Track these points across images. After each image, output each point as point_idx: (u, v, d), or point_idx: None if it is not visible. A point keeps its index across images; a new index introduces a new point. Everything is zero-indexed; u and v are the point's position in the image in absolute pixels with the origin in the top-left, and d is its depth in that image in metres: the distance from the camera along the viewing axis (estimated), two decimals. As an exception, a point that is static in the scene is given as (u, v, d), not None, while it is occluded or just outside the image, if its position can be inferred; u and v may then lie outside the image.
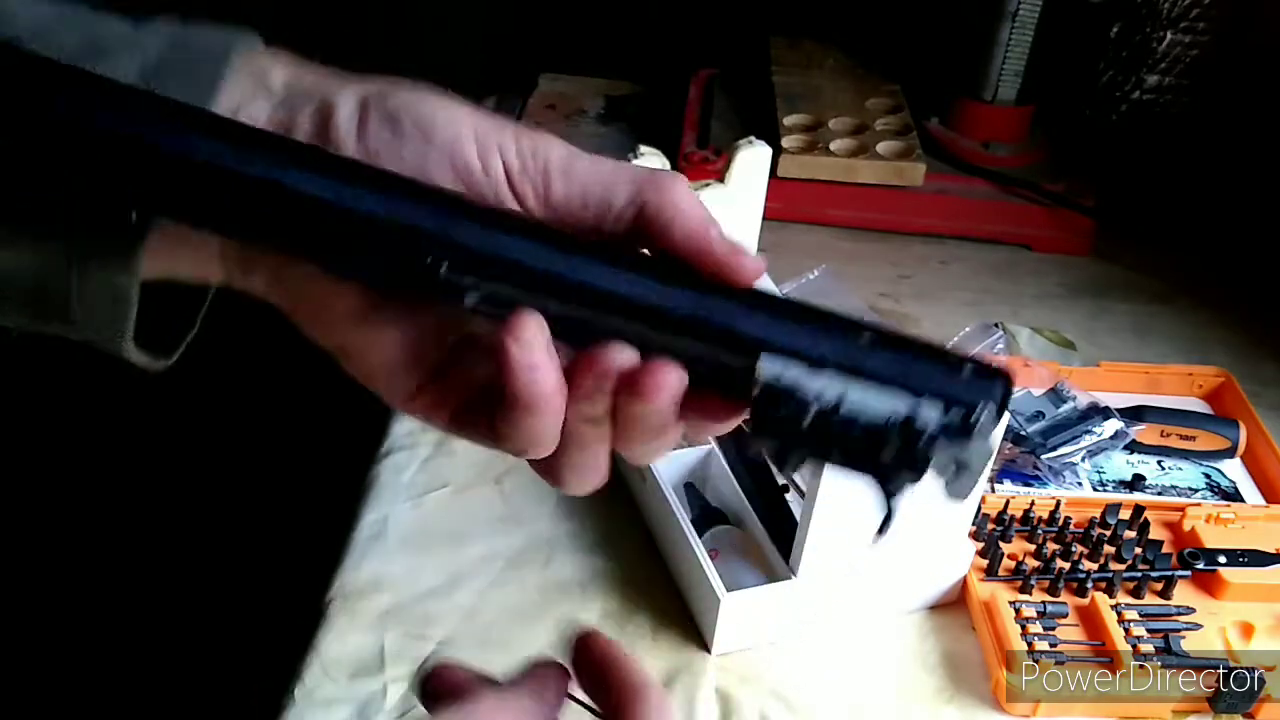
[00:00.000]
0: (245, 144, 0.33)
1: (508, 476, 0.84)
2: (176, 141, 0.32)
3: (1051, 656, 0.71)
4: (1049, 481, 0.84)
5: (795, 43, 1.32)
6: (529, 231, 0.34)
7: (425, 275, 0.33)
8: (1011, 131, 1.19)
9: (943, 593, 0.76)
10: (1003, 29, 1.13)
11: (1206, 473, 0.87)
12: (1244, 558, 0.77)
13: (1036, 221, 1.15)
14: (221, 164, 0.32)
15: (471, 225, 0.34)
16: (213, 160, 0.32)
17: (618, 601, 0.76)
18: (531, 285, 0.34)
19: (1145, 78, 1.19)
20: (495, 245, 0.33)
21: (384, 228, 0.33)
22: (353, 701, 0.68)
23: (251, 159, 0.32)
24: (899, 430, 0.33)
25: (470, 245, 0.33)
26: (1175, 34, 1.16)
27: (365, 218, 0.33)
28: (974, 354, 0.41)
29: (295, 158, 0.33)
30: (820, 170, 1.13)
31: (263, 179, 0.32)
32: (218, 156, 0.32)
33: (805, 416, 0.33)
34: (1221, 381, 0.93)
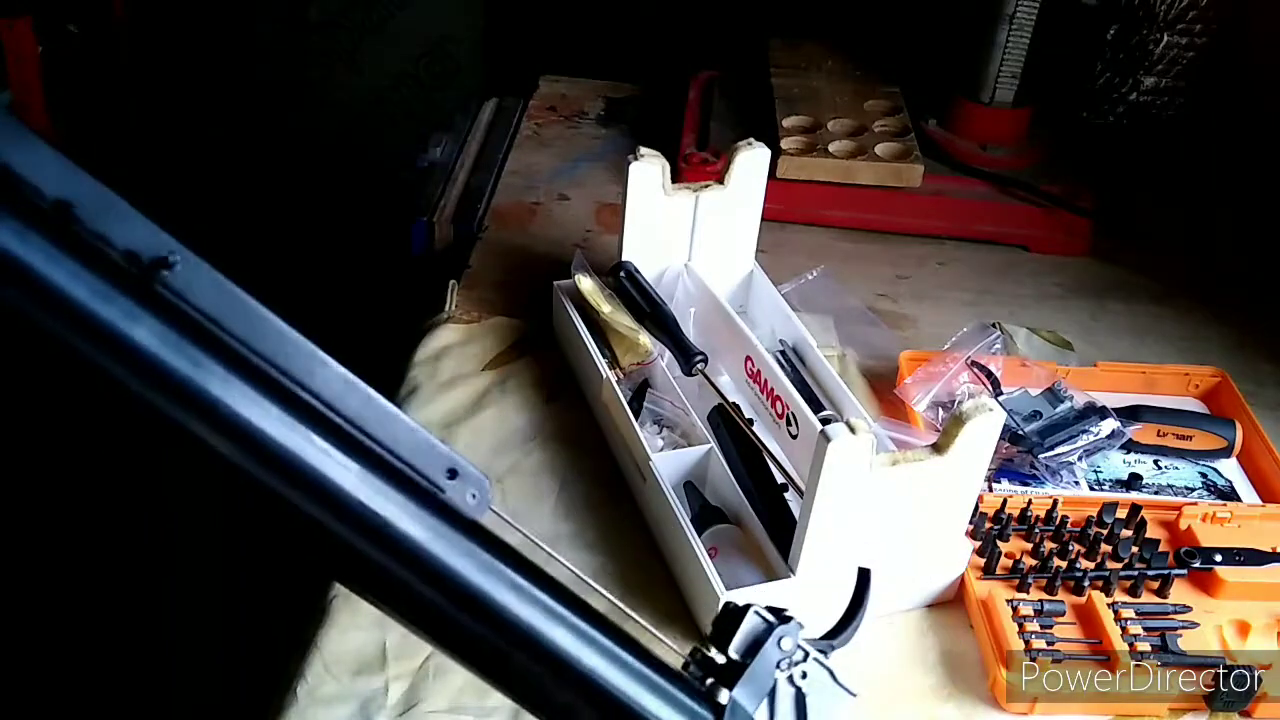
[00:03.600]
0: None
1: (508, 476, 0.85)
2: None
3: (1049, 655, 0.71)
4: (1046, 481, 0.85)
5: (794, 45, 1.33)
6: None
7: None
8: (1009, 133, 1.19)
9: (940, 591, 0.77)
10: (1000, 32, 1.13)
11: (1203, 472, 0.88)
12: (1240, 556, 0.77)
13: (1034, 222, 1.15)
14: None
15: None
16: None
17: (618, 600, 0.76)
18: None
19: (1142, 80, 1.19)
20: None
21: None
22: (355, 699, 0.69)
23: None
24: None
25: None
26: (1171, 36, 1.16)
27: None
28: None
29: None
30: (819, 172, 1.14)
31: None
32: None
33: None
34: (1218, 381, 0.94)
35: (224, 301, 0.30)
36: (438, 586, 0.35)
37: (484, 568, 0.36)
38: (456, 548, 0.35)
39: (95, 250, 0.28)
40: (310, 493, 0.32)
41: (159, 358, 0.28)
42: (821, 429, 0.64)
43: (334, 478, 0.32)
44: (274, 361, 0.31)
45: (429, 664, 0.71)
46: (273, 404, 0.31)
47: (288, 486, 0.31)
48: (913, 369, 0.91)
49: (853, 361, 0.96)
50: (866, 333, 1.00)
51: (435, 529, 0.34)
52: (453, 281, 1.03)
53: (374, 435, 0.33)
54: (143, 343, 0.28)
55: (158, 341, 0.28)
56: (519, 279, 1.04)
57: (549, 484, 0.84)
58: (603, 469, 0.86)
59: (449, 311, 1.00)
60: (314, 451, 0.32)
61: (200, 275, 0.30)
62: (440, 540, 0.34)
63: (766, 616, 0.40)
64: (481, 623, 0.36)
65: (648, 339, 0.88)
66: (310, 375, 0.32)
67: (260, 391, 0.31)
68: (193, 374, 0.29)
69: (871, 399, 0.92)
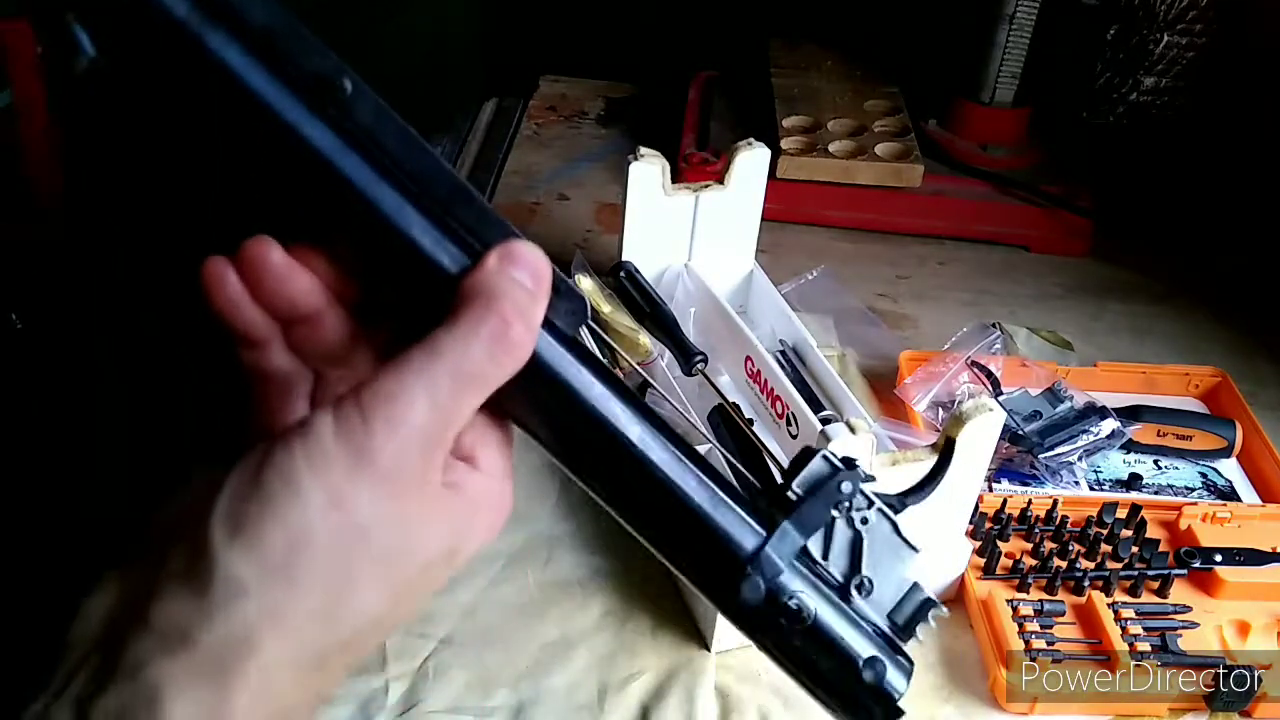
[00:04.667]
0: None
1: (508, 476, 0.85)
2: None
3: (1049, 655, 0.71)
4: (1046, 481, 0.85)
5: (794, 45, 1.33)
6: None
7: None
8: (1009, 133, 1.19)
9: (940, 591, 0.77)
10: (1000, 31, 1.13)
11: (1203, 472, 0.88)
12: (1240, 557, 0.77)
13: (1034, 222, 1.15)
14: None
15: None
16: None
17: (618, 600, 0.76)
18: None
19: (1142, 80, 1.19)
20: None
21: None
22: (354, 699, 0.69)
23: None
24: (867, 665, 0.40)
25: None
26: (1172, 36, 1.16)
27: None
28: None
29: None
30: (819, 171, 1.14)
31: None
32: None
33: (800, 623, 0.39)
34: (1218, 381, 0.94)
35: (383, 123, 0.35)
36: (542, 384, 0.37)
37: (588, 376, 0.38)
38: (555, 351, 0.37)
39: (288, 68, 0.34)
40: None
41: (331, 158, 0.35)
42: (821, 429, 0.64)
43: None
44: (419, 180, 0.35)
45: (429, 664, 0.71)
46: (413, 209, 0.35)
47: (405, 269, 0.35)
48: (913, 369, 0.91)
49: (853, 361, 0.96)
50: (866, 333, 1.00)
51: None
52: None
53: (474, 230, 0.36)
54: (318, 144, 0.34)
55: (330, 144, 0.35)
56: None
57: (549, 483, 0.84)
58: (603, 469, 0.86)
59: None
60: (440, 253, 0.35)
61: (366, 98, 0.35)
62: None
63: (833, 460, 0.40)
64: (575, 414, 0.39)
65: (648, 339, 0.88)
66: (451, 202, 0.36)
67: (404, 197, 0.35)
68: (354, 174, 0.35)
69: (871, 399, 0.92)
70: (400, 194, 0.35)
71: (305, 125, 0.34)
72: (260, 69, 0.34)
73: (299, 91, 0.34)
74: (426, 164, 0.36)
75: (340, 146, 0.35)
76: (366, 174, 0.35)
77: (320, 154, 0.34)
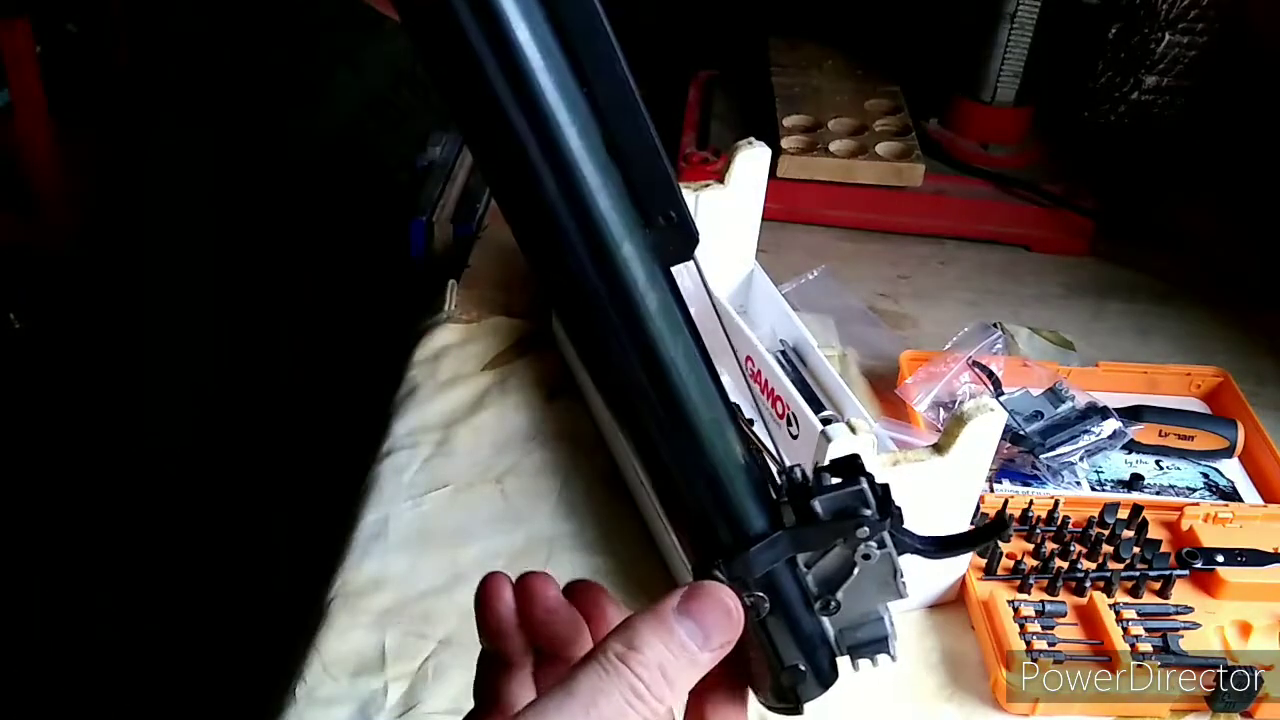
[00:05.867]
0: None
1: (508, 476, 0.85)
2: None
3: (1050, 655, 0.71)
4: (1047, 481, 0.85)
5: (794, 44, 1.32)
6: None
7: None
8: (1010, 132, 1.19)
9: (941, 592, 0.77)
10: (1001, 30, 1.13)
11: (1205, 472, 0.87)
12: (1242, 557, 0.77)
13: (1035, 222, 1.15)
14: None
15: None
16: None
17: (618, 600, 0.76)
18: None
19: (1143, 78, 1.19)
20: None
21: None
22: (354, 700, 0.68)
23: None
24: (788, 670, 0.40)
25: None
26: (1173, 35, 1.16)
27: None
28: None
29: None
30: (819, 171, 1.14)
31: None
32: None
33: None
34: (1220, 381, 0.93)
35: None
36: (621, 306, 0.35)
37: (662, 309, 0.36)
38: (649, 275, 0.35)
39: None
40: (548, 153, 0.33)
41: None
42: (822, 429, 0.64)
43: (571, 144, 0.33)
44: (575, 46, 0.33)
45: (428, 665, 0.71)
46: (552, 84, 0.32)
47: (531, 134, 0.32)
48: (913, 369, 0.91)
49: (853, 361, 0.96)
50: (867, 333, 0.99)
51: (637, 250, 0.35)
52: (452, 281, 1.02)
53: (623, 148, 0.34)
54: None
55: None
56: (519, 279, 1.04)
57: (549, 483, 0.84)
58: (603, 469, 0.86)
59: (448, 311, 1.00)
60: (572, 135, 0.33)
61: None
62: (637, 261, 0.35)
63: (869, 499, 0.38)
64: (638, 352, 0.36)
65: (648, 339, 0.88)
66: (597, 72, 0.33)
67: (554, 71, 0.32)
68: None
69: (872, 399, 0.92)
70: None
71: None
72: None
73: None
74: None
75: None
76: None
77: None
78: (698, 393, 0.37)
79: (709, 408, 0.37)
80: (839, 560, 0.39)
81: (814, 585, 0.39)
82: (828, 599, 0.39)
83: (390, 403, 0.91)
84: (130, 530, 1.56)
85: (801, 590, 0.39)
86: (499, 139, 0.32)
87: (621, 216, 0.34)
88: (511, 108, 0.32)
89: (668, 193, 0.35)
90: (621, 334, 0.35)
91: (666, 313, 0.36)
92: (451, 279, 1.03)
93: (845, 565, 0.39)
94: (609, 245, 0.34)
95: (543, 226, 0.34)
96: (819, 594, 0.39)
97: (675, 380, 0.36)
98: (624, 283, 0.34)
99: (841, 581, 0.39)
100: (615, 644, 0.34)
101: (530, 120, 0.32)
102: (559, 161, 0.32)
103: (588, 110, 0.33)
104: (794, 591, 0.39)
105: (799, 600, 0.39)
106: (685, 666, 0.35)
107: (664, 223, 0.35)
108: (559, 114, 0.32)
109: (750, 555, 0.37)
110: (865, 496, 0.38)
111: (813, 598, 0.39)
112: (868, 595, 0.39)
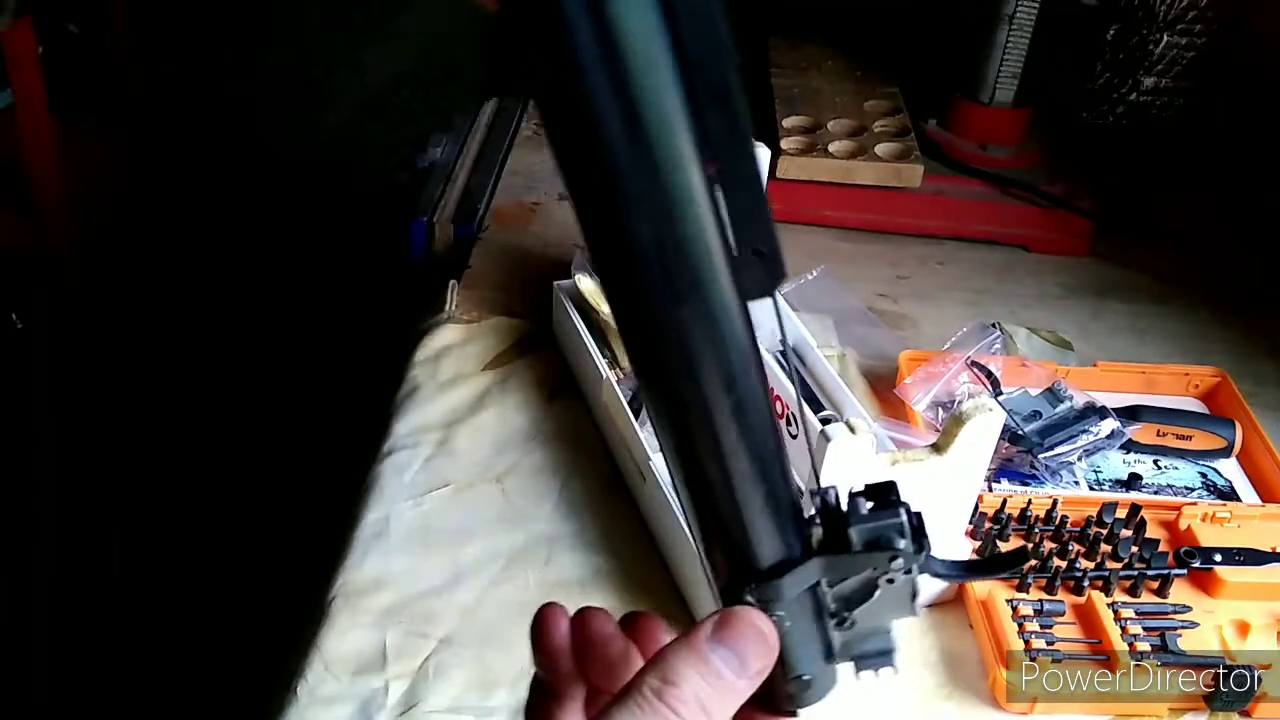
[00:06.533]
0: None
1: (509, 476, 0.85)
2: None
3: (1048, 655, 0.71)
4: (1046, 480, 0.85)
5: (794, 44, 1.33)
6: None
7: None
8: (1009, 133, 1.19)
9: (940, 591, 0.77)
10: (1000, 32, 1.13)
11: (1203, 472, 0.88)
12: (1240, 556, 0.77)
13: (1034, 222, 1.15)
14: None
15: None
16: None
17: (618, 600, 0.76)
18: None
19: (1142, 79, 1.19)
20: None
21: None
22: (355, 699, 0.69)
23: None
24: (794, 679, 0.40)
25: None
26: (1171, 36, 1.16)
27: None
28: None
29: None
30: (819, 172, 1.14)
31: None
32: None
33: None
34: (1218, 381, 0.94)
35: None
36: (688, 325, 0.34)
37: (737, 340, 0.35)
38: (730, 305, 0.34)
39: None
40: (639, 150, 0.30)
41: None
42: (821, 429, 0.64)
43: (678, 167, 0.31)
44: (694, 70, 0.31)
45: (429, 664, 0.71)
46: (678, 96, 0.30)
47: (627, 141, 0.30)
48: (913, 369, 0.91)
49: (853, 361, 0.96)
50: (866, 333, 1.00)
51: (724, 280, 0.33)
52: (453, 281, 1.03)
53: (726, 174, 0.32)
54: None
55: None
56: (519, 279, 1.04)
57: (549, 483, 0.84)
58: (603, 469, 0.86)
59: (449, 311, 1.00)
60: (683, 164, 0.31)
61: None
62: (716, 286, 0.33)
63: (906, 531, 0.37)
64: (685, 373, 0.35)
65: (648, 339, 0.88)
66: (712, 98, 0.31)
67: (680, 97, 0.30)
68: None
69: (871, 399, 0.92)
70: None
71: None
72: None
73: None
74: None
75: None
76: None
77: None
78: (758, 421, 0.36)
79: (767, 437, 0.36)
80: (862, 582, 0.38)
81: (832, 602, 0.39)
82: (845, 616, 0.39)
83: (391, 403, 0.91)
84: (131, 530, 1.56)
85: (820, 607, 0.39)
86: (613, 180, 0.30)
87: (716, 244, 0.33)
88: (622, 150, 0.30)
89: (763, 225, 0.33)
90: (697, 360, 0.34)
91: (741, 344, 0.35)
92: (452, 279, 1.03)
93: (868, 587, 0.38)
94: (702, 273, 0.33)
95: (632, 250, 0.32)
96: (836, 611, 0.39)
97: (743, 409, 0.35)
98: (708, 312, 0.33)
99: (861, 601, 0.39)
100: (651, 679, 0.34)
101: (637, 151, 0.30)
102: (659, 190, 0.31)
103: (697, 134, 0.31)
104: (813, 609, 0.39)
105: (816, 617, 0.39)
106: (723, 696, 0.34)
107: (753, 255, 0.33)
108: (672, 141, 0.30)
109: (784, 582, 0.37)
110: (903, 528, 0.37)
111: (830, 614, 0.39)
112: (882, 613, 0.39)
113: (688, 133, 0.31)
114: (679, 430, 0.36)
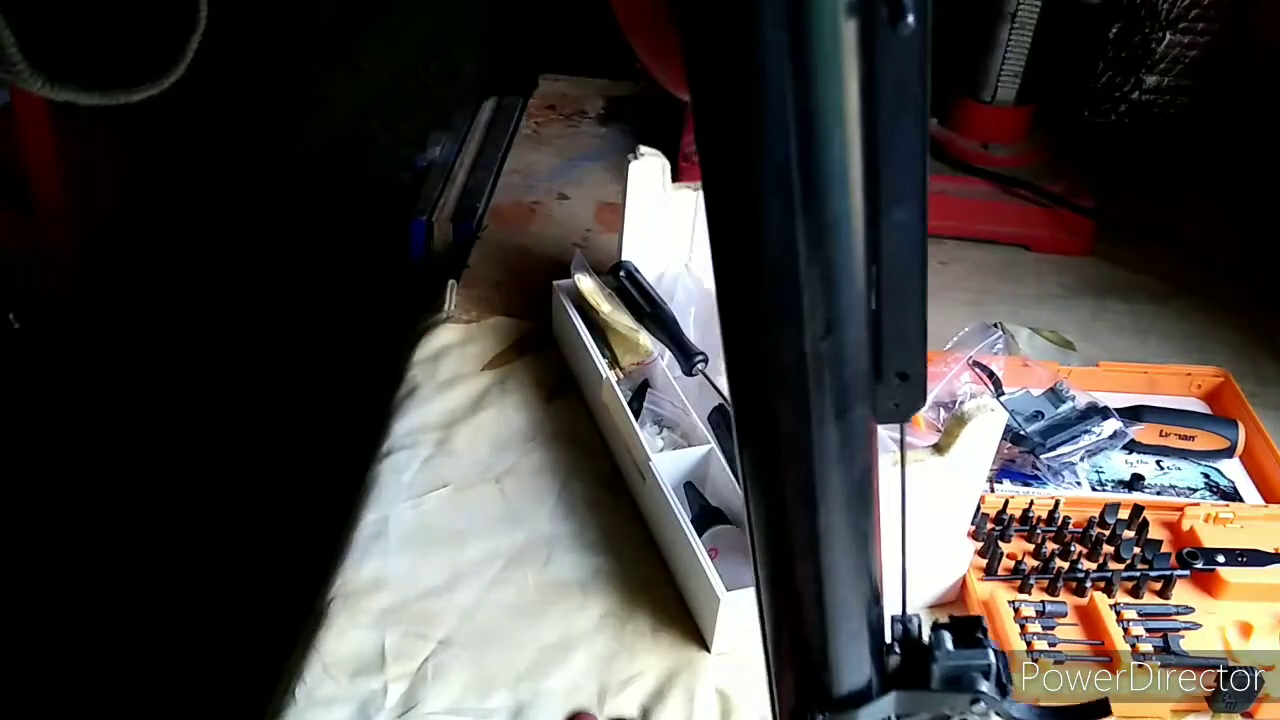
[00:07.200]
0: None
1: (508, 476, 0.84)
2: None
3: (1050, 656, 0.71)
4: (1048, 481, 0.85)
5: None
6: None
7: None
8: (1011, 132, 1.19)
9: (942, 592, 0.76)
10: (1002, 30, 1.13)
11: (1205, 472, 0.87)
12: (1243, 557, 0.77)
13: (1036, 222, 1.15)
14: None
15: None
16: None
17: (617, 601, 0.76)
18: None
19: (1144, 78, 1.19)
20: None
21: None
22: (353, 700, 0.68)
23: None
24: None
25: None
26: (1174, 35, 1.16)
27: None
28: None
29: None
30: (820, 171, 1.13)
31: None
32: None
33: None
34: (1220, 381, 0.93)
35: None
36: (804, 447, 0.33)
37: (866, 468, 0.34)
38: (866, 431, 0.33)
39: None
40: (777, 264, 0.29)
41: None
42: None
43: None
44: (883, 175, 0.30)
45: (428, 665, 0.70)
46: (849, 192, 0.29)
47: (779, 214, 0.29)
48: (914, 369, 0.90)
49: (853, 361, 0.96)
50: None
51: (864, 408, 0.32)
52: (452, 281, 1.02)
53: (888, 289, 0.31)
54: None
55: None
56: (519, 279, 1.04)
57: (549, 484, 0.84)
58: (603, 469, 0.85)
59: (448, 311, 1.00)
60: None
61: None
62: (861, 420, 0.32)
63: (990, 674, 0.36)
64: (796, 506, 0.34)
65: (648, 339, 0.88)
66: (894, 203, 0.31)
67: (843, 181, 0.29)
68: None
69: (872, 399, 0.92)
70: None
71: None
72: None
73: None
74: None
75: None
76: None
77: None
78: (870, 549, 0.35)
79: (873, 564, 0.35)
80: (933, 716, 0.37)
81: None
82: None
83: (390, 403, 0.91)
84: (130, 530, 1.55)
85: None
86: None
87: (866, 363, 0.32)
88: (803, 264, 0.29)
89: (913, 349, 0.32)
90: (822, 482, 0.33)
91: (868, 472, 0.34)
92: (451, 279, 1.03)
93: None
94: (852, 394, 0.31)
95: (783, 363, 0.31)
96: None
97: (864, 538, 0.34)
98: (849, 433, 0.32)
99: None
100: None
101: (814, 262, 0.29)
102: (829, 302, 0.29)
103: (869, 240, 0.29)
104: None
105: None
106: None
107: (896, 379, 0.32)
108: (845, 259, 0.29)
109: (859, 714, 0.36)
110: (989, 669, 0.36)
111: None
112: None
113: (862, 235, 0.29)
114: (782, 550, 0.35)
